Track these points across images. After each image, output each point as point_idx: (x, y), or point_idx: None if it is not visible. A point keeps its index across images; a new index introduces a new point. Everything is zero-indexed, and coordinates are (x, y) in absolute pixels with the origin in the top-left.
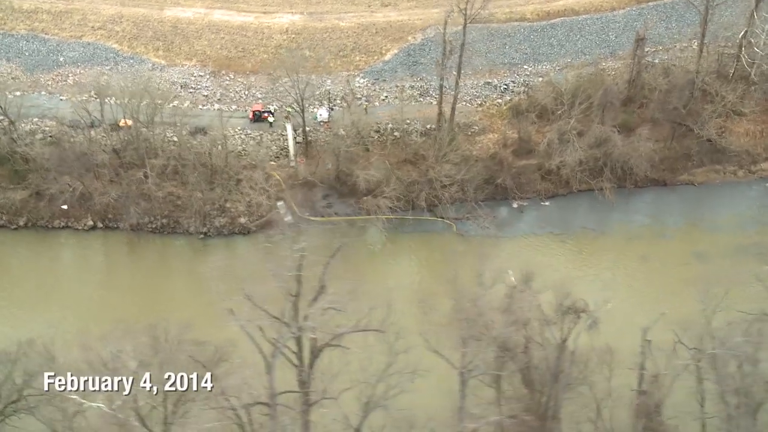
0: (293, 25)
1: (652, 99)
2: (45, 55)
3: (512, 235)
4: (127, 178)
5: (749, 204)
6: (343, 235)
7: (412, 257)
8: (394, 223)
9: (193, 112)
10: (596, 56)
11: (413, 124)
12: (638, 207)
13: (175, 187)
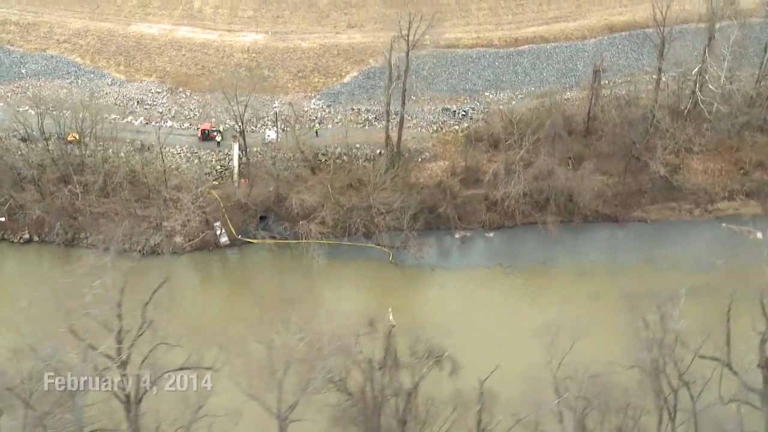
0: (255, 44)
1: (605, 132)
2: (8, 66)
3: (447, 266)
4: (57, 192)
5: (701, 245)
6: (278, 258)
7: (331, 286)
8: (329, 249)
9: (144, 129)
10: (561, 86)
11: (363, 149)
12: (585, 242)
13: (111, 204)
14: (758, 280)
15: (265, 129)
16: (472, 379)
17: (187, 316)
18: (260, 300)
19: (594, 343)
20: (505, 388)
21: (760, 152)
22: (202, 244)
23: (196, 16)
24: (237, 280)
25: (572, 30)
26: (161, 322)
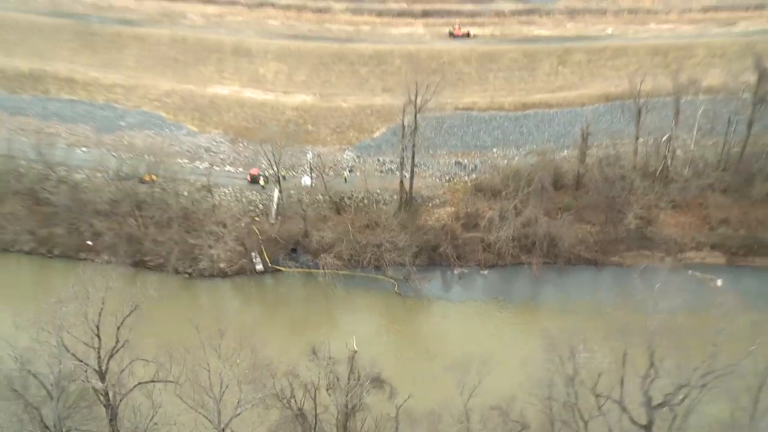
0: (304, 104)
1: (590, 187)
2: (112, 120)
3: (445, 298)
4: (127, 222)
5: (667, 290)
6: (303, 285)
7: (345, 311)
8: (345, 278)
9: (207, 172)
10: (559, 145)
11: (382, 194)
12: (567, 283)
13: (170, 233)
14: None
15: (303, 175)
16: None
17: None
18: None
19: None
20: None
21: (723, 210)
22: (240, 269)
23: (259, 80)
24: (270, 301)
25: (573, 98)
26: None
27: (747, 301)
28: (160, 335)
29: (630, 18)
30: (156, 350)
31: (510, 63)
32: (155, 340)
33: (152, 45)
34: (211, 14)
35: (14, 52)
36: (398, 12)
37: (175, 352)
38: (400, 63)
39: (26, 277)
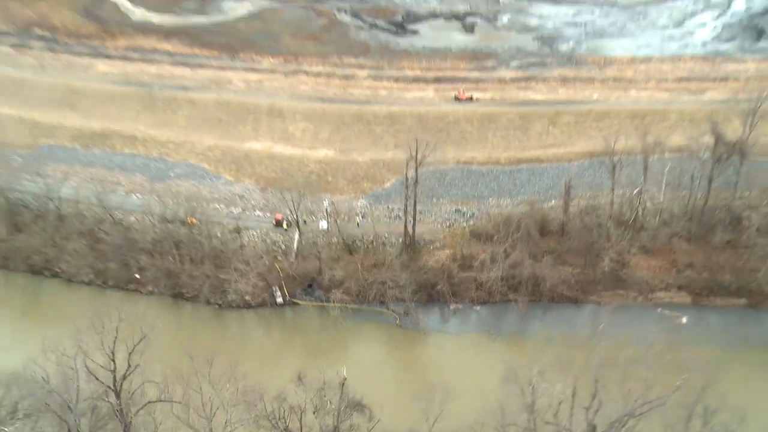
0: (326, 157)
1: (572, 234)
2: (163, 170)
3: (441, 330)
4: (165, 259)
5: (639, 326)
6: (317, 316)
7: (353, 340)
8: (353, 311)
9: (240, 216)
10: (548, 196)
11: (389, 237)
12: (550, 318)
13: (204, 268)
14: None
15: (321, 220)
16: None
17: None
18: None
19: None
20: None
21: (689, 256)
22: (263, 302)
23: (289, 137)
24: (288, 330)
25: (561, 154)
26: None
27: (708, 335)
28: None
29: (614, 85)
30: (170, 371)
31: (507, 123)
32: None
33: (201, 107)
34: (252, 81)
35: (91, 115)
36: (413, 78)
37: (193, 374)
38: (410, 123)
39: (83, 305)
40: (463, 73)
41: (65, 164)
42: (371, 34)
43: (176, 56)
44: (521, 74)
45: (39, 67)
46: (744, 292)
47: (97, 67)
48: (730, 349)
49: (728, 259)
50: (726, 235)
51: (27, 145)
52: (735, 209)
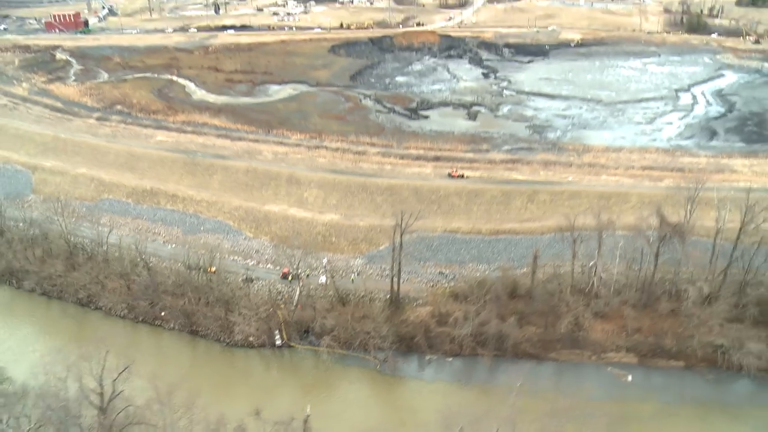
0: (331, 221)
1: (537, 298)
2: (195, 225)
3: (415, 377)
4: (186, 301)
5: (588, 382)
6: (309, 358)
7: (339, 381)
8: (341, 356)
9: (253, 267)
10: (521, 263)
11: (378, 294)
12: (514, 372)
13: (215, 311)
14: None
15: (321, 275)
16: None
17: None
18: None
19: None
20: None
21: (638, 321)
22: (264, 343)
23: (302, 202)
24: (283, 369)
25: (536, 227)
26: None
27: (650, 393)
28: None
29: (588, 170)
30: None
31: (491, 198)
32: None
33: (232, 173)
34: (280, 152)
35: (144, 176)
36: (416, 156)
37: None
38: (407, 194)
39: (115, 335)
40: (460, 153)
41: (119, 215)
42: (388, 117)
43: (221, 129)
44: (510, 157)
45: (112, 135)
46: (682, 356)
47: (156, 136)
48: (670, 404)
49: (671, 326)
50: (670, 304)
51: (92, 198)
52: (678, 282)
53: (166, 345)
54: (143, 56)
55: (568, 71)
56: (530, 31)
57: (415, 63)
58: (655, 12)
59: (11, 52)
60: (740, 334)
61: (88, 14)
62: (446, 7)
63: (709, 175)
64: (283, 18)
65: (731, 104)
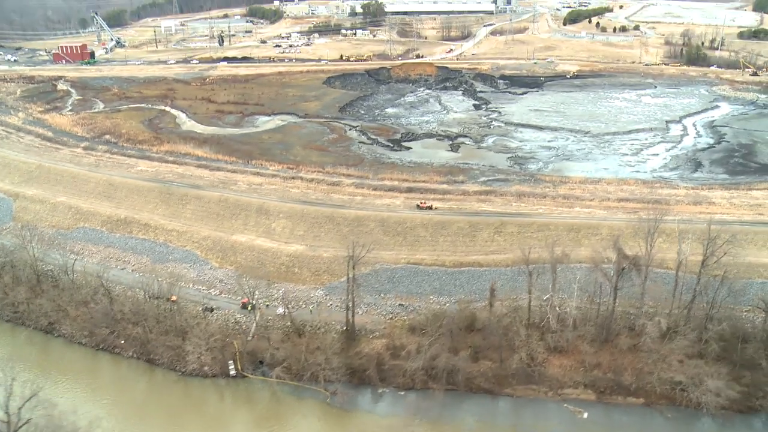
0: (296, 251)
1: (491, 332)
2: (164, 254)
3: (365, 410)
4: (145, 329)
5: (534, 417)
6: (261, 389)
7: (288, 412)
8: (292, 387)
9: (215, 297)
10: (482, 297)
11: (335, 325)
12: (467, 407)
13: (171, 341)
14: None
15: (279, 306)
16: None
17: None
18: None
19: None
20: None
21: (597, 357)
22: (218, 372)
23: (270, 232)
24: (234, 399)
25: (500, 260)
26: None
27: (606, 430)
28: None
29: (563, 202)
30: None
31: (457, 230)
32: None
33: (205, 203)
34: (255, 183)
35: (120, 205)
36: (389, 187)
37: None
38: (373, 226)
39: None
40: (435, 185)
41: (92, 243)
42: (370, 148)
43: (202, 160)
44: (484, 188)
45: (95, 165)
46: (642, 393)
47: (138, 166)
48: None
49: (631, 362)
50: (630, 339)
51: (68, 226)
52: (640, 317)
53: (122, 373)
54: (141, 87)
55: (560, 103)
56: (528, 62)
57: (408, 95)
58: (656, 44)
59: (15, 82)
60: (700, 370)
61: (97, 46)
62: (449, 40)
63: (684, 207)
64: (285, 50)
65: (721, 136)
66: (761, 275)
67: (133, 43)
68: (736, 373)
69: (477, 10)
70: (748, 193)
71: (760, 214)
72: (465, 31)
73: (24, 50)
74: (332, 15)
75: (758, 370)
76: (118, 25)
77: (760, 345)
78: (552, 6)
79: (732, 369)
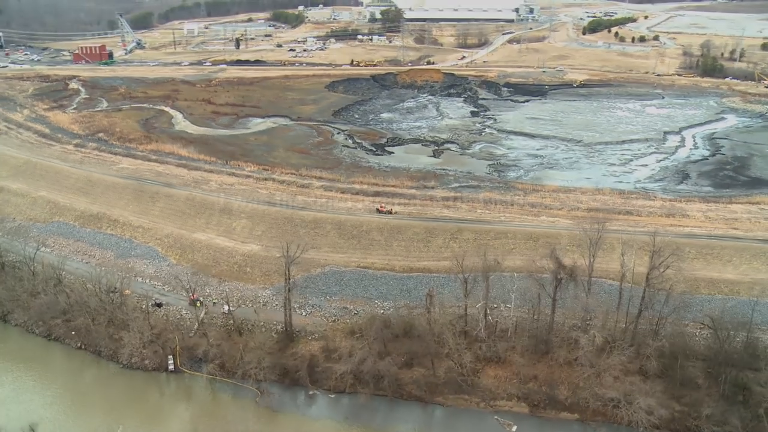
0: (250, 251)
1: (425, 338)
2: (128, 250)
3: (292, 411)
4: (96, 321)
5: (463, 428)
6: (194, 384)
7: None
8: (226, 384)
9: (168, 293)
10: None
11: (276, 326)
12: (397, 413)
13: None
14: None
15: (224, 304)
16: None
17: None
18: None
19: None
20: None
21: (534, 369)
22: (158, 366)
23: (230, 231)
24: (168, 393)
25: (450, 266)
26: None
27: None
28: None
29: (529, 210)
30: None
31: (412, 235)
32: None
33: (173, 201)
34: (227, 183)
35: (96, 201)
36: (357, 191)
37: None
38: (329, 228)
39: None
40: (403, 189)
41: (63, 237)
42: (352, 152)
43: (183, 159)
44: (452, 194)
45: (80, 161)
46: (576, 408)
47: (121, 164)
48: None
49: (568, 376)
50: (569, 353)
51: (44, 220)
52: (581, 329)
53: (70, 364)
54: (148, 87)
55: (559, 111)
56: (536, 71)
57: (408, 100)
58: (673, 54)
59: (31, 80)
60: (633, 387)
61: (120, 47)
62: (465, 47)
63: (655, 219)
64: (298, 54)
65: (717, 148)
66: (717, 291)
67: (154, 44)
68: (676, 391)
69: (498, 18)
70: (727, 207)
71: (734, 228)
72: (482, 38)
73: (50, 50)
74: (353, 21)
75: (699, 389)
76: (144, 28)
77: (704, 364)
78: (576, 15)
79: (671, 387)
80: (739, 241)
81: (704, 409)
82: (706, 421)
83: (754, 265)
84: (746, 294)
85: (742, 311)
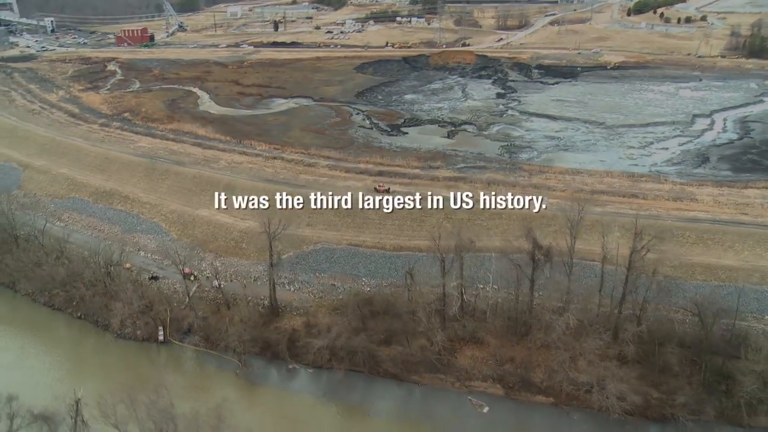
0: (248, 228)
1: (402, 317)
2: (134, 225)
3: (270, 384)
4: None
5: (444, 410)
6: (181, 355)
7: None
8: (210, 355)
9: (167, 266)
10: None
11: (264, 301)
12: (373, 390)
13: (115, 304)
14: None
15: (214, 278)
16: None
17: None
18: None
19: None
20: None
21: (512, 351)
22: (149, 337)
23: (231, 208)
24: (156, 363)
25: (443, 245)
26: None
27: (503, 427)
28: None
29: (531, 191)
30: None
31: (407, 214)
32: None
33: (181, 178)
34: (236, 161)
35: (110, 178)
36: (361, 170)
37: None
38: None
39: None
40: (407, 170)
41: (77, 212)
42: (367, 132)
43: (199, 138)
44: (455, 174)
45: (101, 140)
46: (552, 391)
47: (139, 142)
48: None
49: (545, 359)
50: (545, 335)
51: (62, 195)
52: (560, 311)
53: (71, 333)
54: (181, 69)
55: (587, 93)
56: (571, 53)
57: (435, 81)
58: (720, 35)
59: (72, 63)
60: (606, 372)
61: (163, 29)
62: (505, 29)
63: (661, 203)
64: (335, 36)
65: (747, 131)
66: (714, 277)
67: (196, 27)
68: (655, 378)
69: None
70: (741, 192)
71: (743, 214)
72: (523, 20)
73: (97, 34)
74: (395, 2)
75: (678, 376)
76: (190, 11)
77: (687, 351)
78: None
79: (650, 373)
80: (744, 227)
81: (678, 397)
82: (681, 409)
83: (757, 252)
84: (744, 281)
85: (733, 298)
